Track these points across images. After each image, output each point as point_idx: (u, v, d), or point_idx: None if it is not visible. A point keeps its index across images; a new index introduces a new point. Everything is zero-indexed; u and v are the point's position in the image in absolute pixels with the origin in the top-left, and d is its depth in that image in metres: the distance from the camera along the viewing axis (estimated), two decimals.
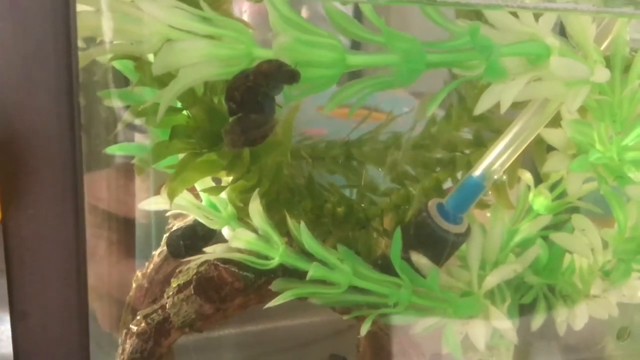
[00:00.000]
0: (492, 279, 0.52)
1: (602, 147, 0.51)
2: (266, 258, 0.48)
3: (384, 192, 0.57)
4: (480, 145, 0.57)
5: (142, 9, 0.36)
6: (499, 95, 0.43)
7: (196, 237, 0.56)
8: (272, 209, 0.47)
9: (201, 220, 0.49)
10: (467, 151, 0.58)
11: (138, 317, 0.50)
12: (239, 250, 0.45)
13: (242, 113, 0.36)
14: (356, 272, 0.48)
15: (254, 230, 0.48)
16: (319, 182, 0.52)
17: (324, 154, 0.59)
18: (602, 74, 0.43)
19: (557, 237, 0.54)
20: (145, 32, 0.37)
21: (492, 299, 0.54)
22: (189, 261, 0.55)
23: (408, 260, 0.51)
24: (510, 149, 0.50)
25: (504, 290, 0.55)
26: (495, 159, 0.51)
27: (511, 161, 0.51)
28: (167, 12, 0.36)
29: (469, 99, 0.58)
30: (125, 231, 0.59)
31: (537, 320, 0.58)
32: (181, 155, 0.44)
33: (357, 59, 0.39)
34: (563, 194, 0.60)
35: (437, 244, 0.52)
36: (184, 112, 0.43)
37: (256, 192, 0.45)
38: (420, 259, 0.50)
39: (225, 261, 0.48)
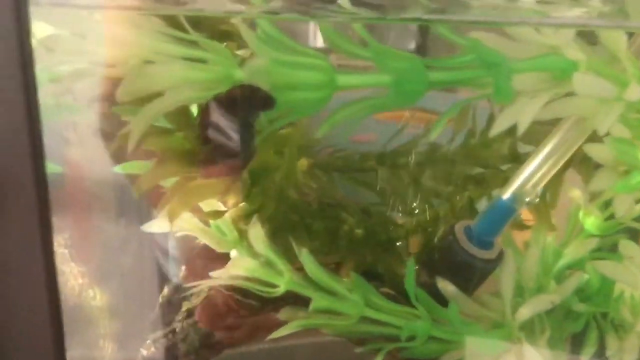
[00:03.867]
0: (525, 311, 0.47)
1: None
2: (272, 285, 0.45)
3: (410, 211, 0.53)
4: (518, 160, 0.52)
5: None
6: (517, 115, 0.39)
7: None
8: (278, 233, 0.44)
9: (206, 242, 0.47)
10: (503, 167, 0.54)
11: (148, 341, 0.49)
12: (246, 277, 0.43)
13: (215, 141, 0.33)
14: (369, 302, 0.45)
15: (258, 255, 0.46)
16: (340, 200, 0.49)
17: (355, 166, 0.56)
18: (635, 92, 0.37)
19: (601, 265, 0.49)
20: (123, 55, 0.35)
21: (530, 329, 0.49)
22: None
23: (433, 286, 0.47)
24: (545, 167, 0.46)
25: (544, 320, 0.50)
26: (527, 179, 0.46)
27: (547, 180, 0.46)
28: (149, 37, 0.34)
29: None
30: None
31: (587, 352, 0.53)
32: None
33: (348, 79, 0.36)
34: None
35: (463, 270, 0.48)
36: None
37: (255, 217, 0.42)
38: (446, 286, 0.46)
39: (232, 287, 0.45)
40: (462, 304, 0.48)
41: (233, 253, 0.47)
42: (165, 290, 0.53)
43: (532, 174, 0.46)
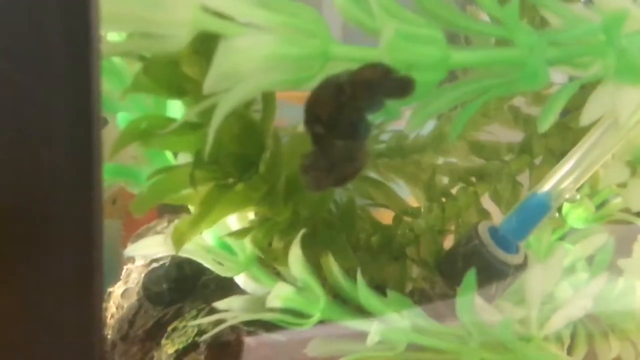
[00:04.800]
0: (558, 320, 0.43)
1: None
2: (301, 315, 0.36)
3: (413, 212, 0.46)
4: (526, 151, 0.48)
5: None
6: (612, 102, 0.34)
7: (183, 278, 0.44)
8: (306, 249, 0.36)
9: (210, 267, 0.37)
10: (507, 158, 0.49)
11: None
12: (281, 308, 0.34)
13: (331, 139, 0.24)
14: (414, 326, 0.38)
15: (279, 275, 0.37)
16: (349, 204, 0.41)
17: None
18: None
19: (625, 263, 0.46)
20: (170, 20, 0.25)
21: (551, 341, 0.45)
22: (178, 311, 0.43)
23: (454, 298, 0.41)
24: (586, 162, 0.41)
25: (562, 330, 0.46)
26: (567, 173, 0.41)
27: (589, 175, 0.41)
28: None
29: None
30: None
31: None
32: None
33: (464, 56, 0.28)
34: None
35: (494, 279, 0.42)
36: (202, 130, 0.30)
37: (300, 234, 0.33)
38: (480, 303, 0.40)
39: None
40: (491, 317, 0.42)
41: (239, 278, 0.38)
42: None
43: (573, 168, 0.41)
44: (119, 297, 0.49)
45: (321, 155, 0.24)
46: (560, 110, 0.49)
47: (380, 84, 0.24)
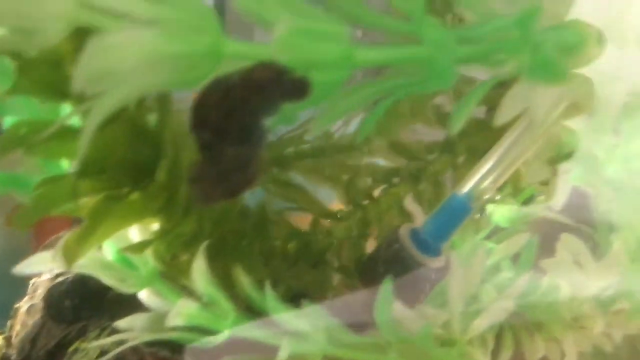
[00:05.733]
0: (482, 322, 0.42)
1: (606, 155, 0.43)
2: (208, 332, 0.34)
3: (333, 215, 0.44)
4: (448, 150, 0.46)
5: None
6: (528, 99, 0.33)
7: (88, 293, 0.41)
8: (213, 261, 0.33)
9: (107, 282, 0.34)
10: (430, 157, 0.47)
11: None
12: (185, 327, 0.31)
13: (220, 147, 0.22)
14: (331, 338, 0.36)
15: (185, 290, 0.34)
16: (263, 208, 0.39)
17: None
18: None
19: (547, 263, 0.45)
20: (43, 13, 0.22)
21: (475, 345, 0.44)
22: (82, 330, 0.40)
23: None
24: (505, 162, 0.40)
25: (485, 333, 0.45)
26: (487, 173, 0.40)
27: (508, 175, 0.40)
28: None
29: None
30: None
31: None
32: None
33: (369, 54, 0.26)
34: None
35: (416, 283, 0.41)
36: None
37: (203, 245, 0.30)
38: (401, 310, 0.39)
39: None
40: (412, 323, 0.41)
41: (142, 294, 0.35)
42: None
43: (492, 167, 0.40)
44: (24, 314, 0.45)
45: (209, 164, 0.22)
46: (483, 109, 0.49)
47: (274, 86, 0.21)
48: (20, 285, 0.47)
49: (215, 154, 0.22)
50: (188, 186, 0.22)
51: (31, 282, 0.47)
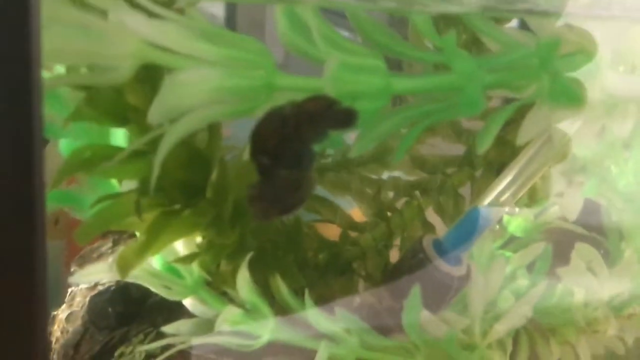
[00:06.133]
0: (501, 328, 0.44)
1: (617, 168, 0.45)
2: (250, 337, 0.36)
3: (359, 227, 0.47)
4: (467, 164, 0.49)
5: (112, 21, 0.24)
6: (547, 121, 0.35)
7: (130, 301, 0.44)
8: (254, 271, 0.36)
9: (157, 291, 0.37)
10: (449, 171, 0.50)
11: None
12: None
13: (276, 170, 0.24)
14: (364, 343, 0.38)
15: (227, 297, 0.37)
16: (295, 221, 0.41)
17: None
18: None
19: (561, 271, 0.47)
20: (113, 54, 0.25)
21: (494, 348, 0.46)
22: (125, 335, 0.43)
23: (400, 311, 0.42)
24: (524, 176, 0.42)
25: (504, 337, 0.47)
26: (506, 187, 0.43)
27: (526, 189, 0.43)
28: (153, 27, 0.24)
29: None
30: None
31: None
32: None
33: (404, 84, 0.29)
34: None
35: (439, 291, 0.43)
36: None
37: (247, 257, 0.33)
38: (426, 315, 0.41)
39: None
40: (436, 328, 0.43)
41: (187, 302, 0.37)
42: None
43: (511, 182, 0.43)
44: (64, 321, 0.48)
45: (267, 185, 0.25)
46: None
47: (324, 116, 0.24)
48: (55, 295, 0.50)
49: (272, 177, 0.25)
50: (248, 204, 0.24)
51: (69, 290, 0.50)
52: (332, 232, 0.47)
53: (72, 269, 0.46)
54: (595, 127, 0.40)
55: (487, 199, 0.43)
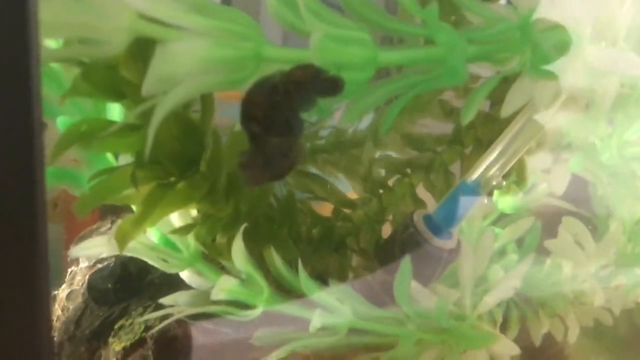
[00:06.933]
0: (490, 300, 0.45)
1: (601, 143, 0.46)
2: (246, 306, 0.37)
3: (351, 203, 0.48)
4: (456, 142, 0.50)
5: None
6: (530, 93, 0.36)
7: (128, 276, 0.45)
8: (249, 243, 0.37)
9: (153, 263, 0.38)
10: (439, 148, 0.51)
11: None
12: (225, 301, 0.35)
13: (267, 137, 0.25)
14: (355, 312, 0.39)
15: (223, 269, 0.38)
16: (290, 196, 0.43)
17: None
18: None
19: (551, 244, 0.48)
20: (107, 27, 0.26)
21: (485, 320, 0.48)
22: (124, 310, 0.44)
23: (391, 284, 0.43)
24: (511, 150, 0.43)
25: (494, 309, 0.48)
26: (493, 161, 0.44)
27: (513, 163, 0.44)
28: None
29: None
30: None
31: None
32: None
33: (390, 56, 0.30)
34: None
35: (430, 264, 0.44)
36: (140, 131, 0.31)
37: (241, 228, 0.34)
38: (417, 287, 0.42)
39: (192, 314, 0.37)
40: (427, 300, 0.44)
41: (184, 274, 0.39)
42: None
43: (498, 156, 0.44)
44: (64, 300, 0.49)
45: (257, 152, 0.26)
46: (487, 103, 0.52)
47: (312, 84, 0.25)
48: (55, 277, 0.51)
49: (262, 143, 0.26)
50: (239, 171, 0.25)
51: (69, 270, 0.51)
52: (327, 211, 0.48)
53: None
54: (580, 103, 0.41)
55: (475, 174, 0.44)
